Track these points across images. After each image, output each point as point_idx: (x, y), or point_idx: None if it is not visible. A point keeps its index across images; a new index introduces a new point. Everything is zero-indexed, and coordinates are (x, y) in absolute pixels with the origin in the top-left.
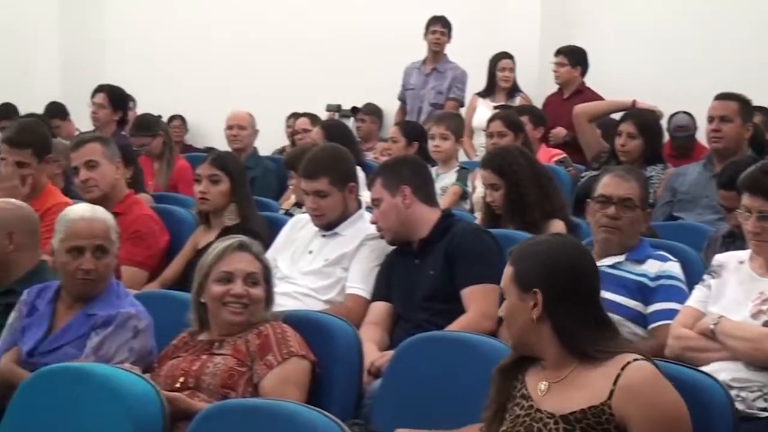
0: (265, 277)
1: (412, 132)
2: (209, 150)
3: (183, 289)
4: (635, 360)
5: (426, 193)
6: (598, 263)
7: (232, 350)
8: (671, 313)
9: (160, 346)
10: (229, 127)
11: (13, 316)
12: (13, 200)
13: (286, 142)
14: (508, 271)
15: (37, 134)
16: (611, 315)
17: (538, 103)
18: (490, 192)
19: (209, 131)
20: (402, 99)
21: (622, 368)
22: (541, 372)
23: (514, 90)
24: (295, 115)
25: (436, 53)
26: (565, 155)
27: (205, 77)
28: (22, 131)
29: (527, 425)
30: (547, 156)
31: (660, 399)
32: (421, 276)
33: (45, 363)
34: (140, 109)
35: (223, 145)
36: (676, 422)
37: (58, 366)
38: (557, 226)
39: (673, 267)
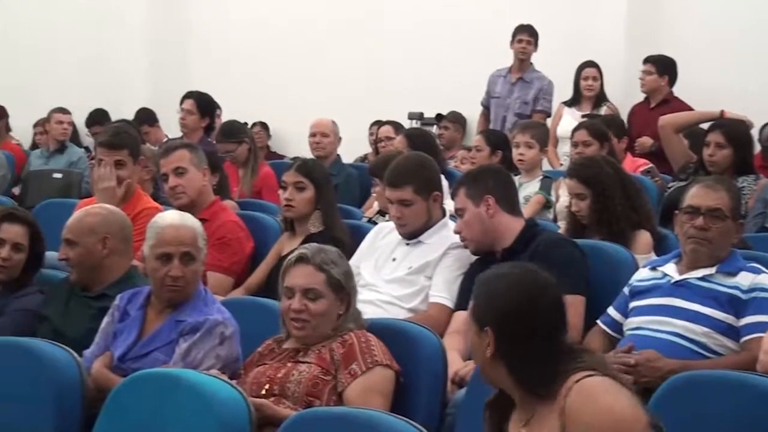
0: (334, 286)
1: (496, 140)
2: (295, 158)
3: (268, 296)
4: (575, 383)
5: (510, 202)
6: (686, 275)
7: (316, 359)
8: (764, 327)
9: (246, 353)
10: (313, 135)
11: (105, 320)
12: (107, 206)
13: (368, 149)
14: (471, 304)
15: (131, 136)
16: (700, 327)
17: (624, 111)
18: (576, 201)
19: (292, 138)
20: (485, 105)
21: (565, 397)
22: (517, 413)
23: (600, 99)
24: (379, 123)
25: (522, 62)
26: (651, 165)
27: (289, 84)
28: (117, 133)
29: None
30: (633, 166)
31: (595, 416)
32: None
33: (135, 368)
34: (225, 115)
35: (305, 152)
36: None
37: (149, 372)
38: (644, 237)
39: (766, 279)
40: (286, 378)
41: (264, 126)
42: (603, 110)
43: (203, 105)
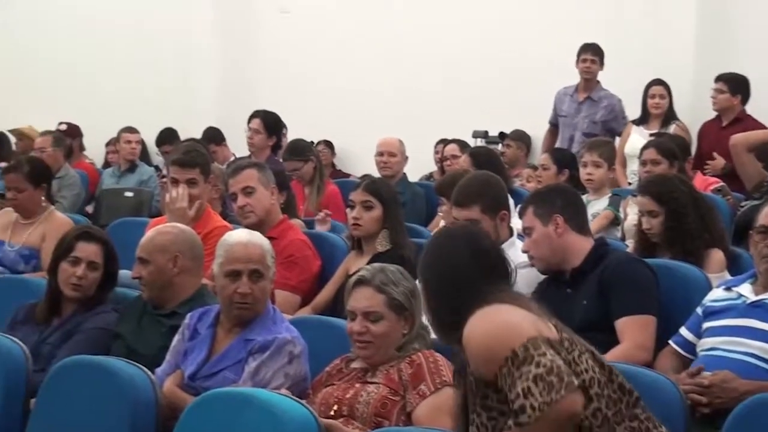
0: (395, 307)
1: (563, 159)
2: (364, 176)
3: (335, 315)
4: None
5: (579, 222)
6: (763, 296)
7: (384, 379)
8: None
9: (314, 372)
10: (380, 154)
11: (176, 338)
12: (179, 225)
13: (434, 167)
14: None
15: (202, 155)
16: None
17: (694, 129)
18: (647, 219)
19: (357, 156)
20: (553, 123)
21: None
22: None
23: (669, 117)
24: (444, 141)
25: (588, 81)
26: (722, 184)
27: (354, 103)
28: (188, 152)
29: None
30: (704, 184)
31: (476, 330)
32: (574, 306)
33: (205, 387)
34: (291, 134)
35: (369, 170)
36: (482, 349)
37: (222, 391)
38: (717, 256)
39: None
40: (354, 398)
41: (328, 144)
42: (672, 129)
43: (270, 124)
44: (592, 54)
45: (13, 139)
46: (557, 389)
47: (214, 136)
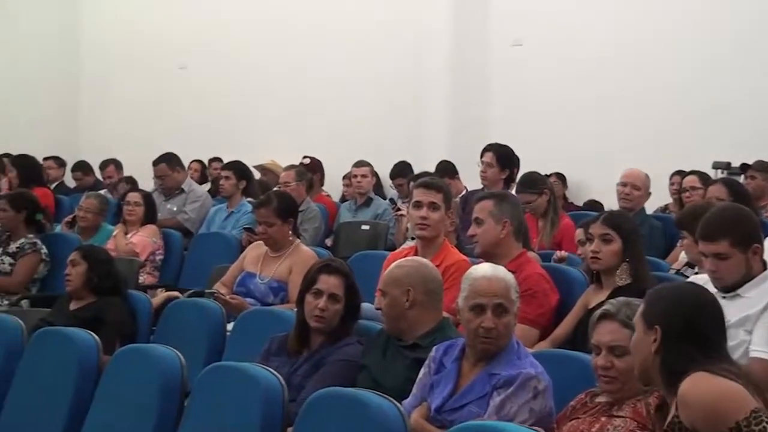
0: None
1: None
2: (604, 209)
3: (574, 348)
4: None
5: None
6: None
7: (632, 413)
8: None
9: (557, 406)
10: (623, 184)
11: (422, 371)
12: (417, 258)
13: (668, 199)
14: (641, 307)
15: (445, 183)
16: None
17: None
18: None
19: (589, 188)
20: None
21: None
22: None
23: None
24: (680, 173)
25: None
26: None
27: (585, 134)
28: (434, 177)
29: None
30: None
31: (698, 393)
32: None
33: (451, 420)
34: (523, 166)
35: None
36: (707, 413)
37: (473, 424)
38: None
39: None
40: None
41: (560, 176)
42: None
43: (503, 157)
44: None
45: (257, 174)
46: None
47: (447, 169)
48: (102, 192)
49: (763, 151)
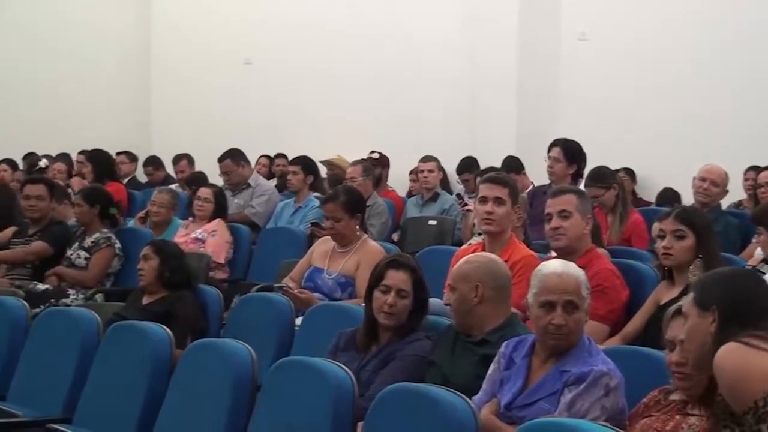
0: None
1: None
2: (677, 198)
3: (645, 345)
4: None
5: None
6: None
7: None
8: None
9: (629, 404)
10: (702, 179)
11: (492, 367)
12: (486, 254)
13: (742, 195)
14: (692, 292)
15: (512, 179)
16: None
17: None
18: None
19: (658, 184)
20: None
21: None
22: None
23: None
24: (755, 169)
25: None
26: None
27: (652, 129)
28: (500, 172)
29: None
30: None
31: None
32: None
33: (521, 417)
34: (591, 161)
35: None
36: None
37: (543, 421)
38: None
39: None
40: (675, 431)
41: (629, 172)
42: None
43: (570, 153)
44: None
45: (323, 169)
46: None
47: (513, 164)
48: (173, 187)
49: None
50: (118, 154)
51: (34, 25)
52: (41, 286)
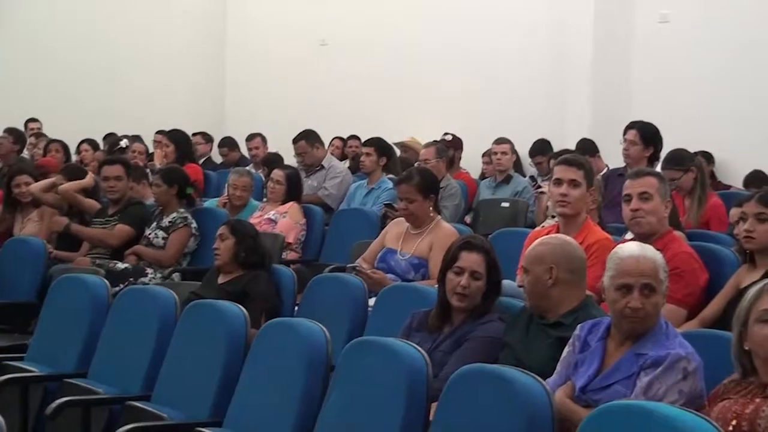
0: None
1: None
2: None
3: (724, 328)
4: None
5: None
6: None
7: None
8: None
9: (708, 387)
10: None
11: (566, 350)
12: (561, 236)
13: None
14: None
15: (587, 161)
16: None
17: None
18: None
19: (736, 168)
20: None
21: None
22: None
23: None
24: None
25: None
26: None
27: (733, 111)
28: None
29: None
30: None
31: None
32: None
33: (596, 400)
34: (668, 144)
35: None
36: None
37: (621, 403)
38: None
39: None
40: (755, 414)
41: (706, 155)
42: None
43: (647, 135)
44: None
45: (397, 151)
46: None
47: (587, 147)
48: (248, 168)
49: None
50: (193, 134)
51: (110, 14)
52: (121, 265)
